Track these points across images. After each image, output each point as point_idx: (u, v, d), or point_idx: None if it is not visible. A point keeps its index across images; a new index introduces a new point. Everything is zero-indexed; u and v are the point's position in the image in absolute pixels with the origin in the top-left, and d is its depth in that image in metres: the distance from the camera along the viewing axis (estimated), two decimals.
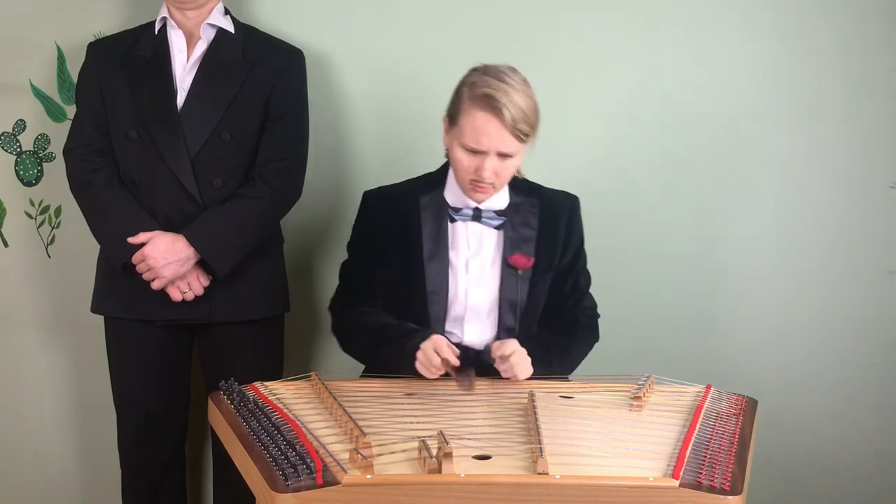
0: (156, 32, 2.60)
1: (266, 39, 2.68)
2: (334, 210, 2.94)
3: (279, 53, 2.65)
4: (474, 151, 2.22)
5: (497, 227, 2.35)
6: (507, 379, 2.25)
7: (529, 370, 2.24)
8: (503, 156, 2.23)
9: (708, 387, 2.28)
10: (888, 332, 2.96)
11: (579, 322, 2.46)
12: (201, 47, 2.59)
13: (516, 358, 2.22)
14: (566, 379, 2.38)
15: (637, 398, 2.16)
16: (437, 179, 2.41)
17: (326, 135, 2.88)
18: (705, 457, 1.86)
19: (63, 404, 2.98)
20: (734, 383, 2.51)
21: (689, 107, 2.90)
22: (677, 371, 2.45)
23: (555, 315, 2.43)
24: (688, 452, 1.86)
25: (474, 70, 2.28)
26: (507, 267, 2.35)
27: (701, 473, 1.78)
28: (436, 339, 2.19)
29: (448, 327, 2.36)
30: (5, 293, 2.91)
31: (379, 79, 2.89)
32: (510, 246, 2.35)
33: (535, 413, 2.00)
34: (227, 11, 2.66)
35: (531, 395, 2.12)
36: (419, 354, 2.18)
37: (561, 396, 2.20)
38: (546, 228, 2.39)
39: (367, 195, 2.45)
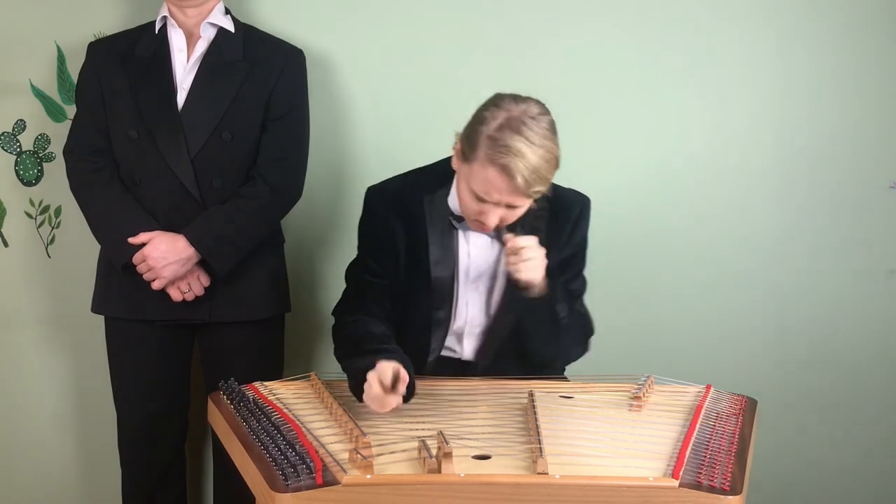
0: (156, 32, 2.60)
1: (266, 39, 2.68)
2: (335, 210, 2.94)
3: (279, 53, 2.65)
4: (482, 200, 2.11)
5: (499, 239, 2.23)
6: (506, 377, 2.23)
7: (539, 271, 2.09)
8: (511, 207, 2.11)
9: (708, 387, 2.29)
10: (888, 332, 2.96)
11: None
12: (202, 46, 2.59)
13: (531, 252, 2.06)
14: (565, 379, 2.38)
15: (637, 398, 2.16)
16: (442, 178, 2.29)
17: (327, 134, 2.88)
18: (705, 457, 1.86)
19: (63, 404, 2.98)
20: (734, 383, 2.51)
21: (686, 107, 2.90)
22: (677, 371, 2.45)
23: None
24: (688, 452, 1.86)
25: (496, 106, 2.08)
26: (510, 285, 2.20)
27: (701, 473, 1.78)
28: (381, 366, 1.98)
29: (448, 342, 2.30)
30: (5, 293, 2.91)
31: (379, 78, 2.89)
32: None
33: (534, 413, 2.01)
34: (227, 11, 2.66)
35: (531, 394, 2.13)
36: (365, 386, 1.98)
37: (561, 396, 2.20)
38: (553, 231, 2.26)
39: (370, 193, 2.35)
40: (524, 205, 2.12)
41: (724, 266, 2.95)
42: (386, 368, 1.97)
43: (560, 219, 2.29)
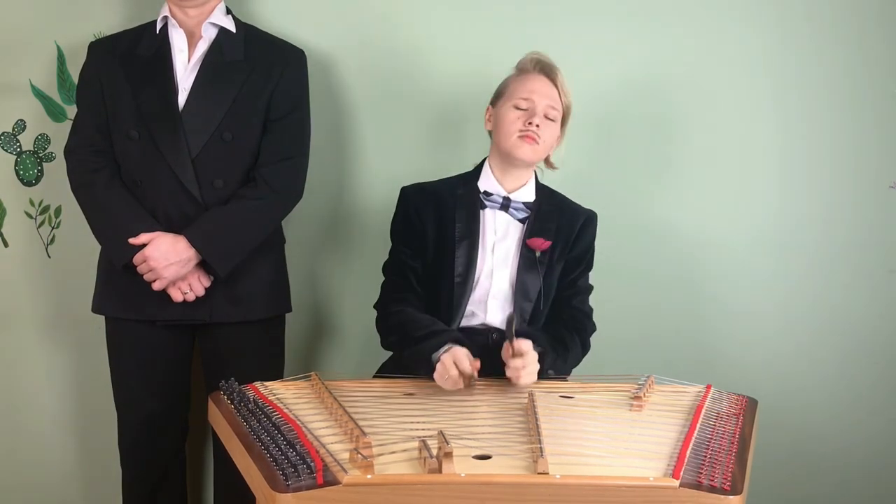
0: (157, 31, 2.60)
1: (268, 39, 2.68)
2: (336, 210, 2.94)
3: (281, 53, 2.65)
4: (525, 106, 2.40)
5: (521, 221, 2.45)
6: (507, 379, 2.24)
7: (534, 378, 2.22)
8: (548, 118, 2.41)
9: (708, 387, 2.29)
10: (888, 332, 2.96)
11: (573, 326, 2.46)
12: (203, 47, 2.59)
13: (527, 360, 2.19)
14: (565, 379, 2.38)
15: (637, 398, 2.16)
16: (472, 175, 2.53)
17: (328, 135, 2.88)
18: (705, 457, 1.86)
19: (63, 404, 2.98)
20: (734, 383, 2.51)
21: (686, 106, 2.90)
22: (677, 371, 2.45)
23: (551, 310, 2.45)
24: (688, 452, 1.86)
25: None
26: (525, 250, 2.42)
27: (701, 473, 1.78)
28: (455, 351, 2.19)
29: (471, 307, 2.42)
30: (5, 293, 2.91)
31: (380, 78, 2.89)
32: (530, 232, 2.44)
33: (535, 413, 2.01)
34: (228, 11, 2.66)
35: (531, 394, 2.13)
36: (438, 366, 2.19)
37: (561, 396, 2.20)
38: (563, 226, 2.50)
39: (405, 189, 2.53)
40: (556, 117, 2.44)
41: (724, 266, 2.95)
42: (462, 355, 2.19)
43: (566, 225, 2.51)
